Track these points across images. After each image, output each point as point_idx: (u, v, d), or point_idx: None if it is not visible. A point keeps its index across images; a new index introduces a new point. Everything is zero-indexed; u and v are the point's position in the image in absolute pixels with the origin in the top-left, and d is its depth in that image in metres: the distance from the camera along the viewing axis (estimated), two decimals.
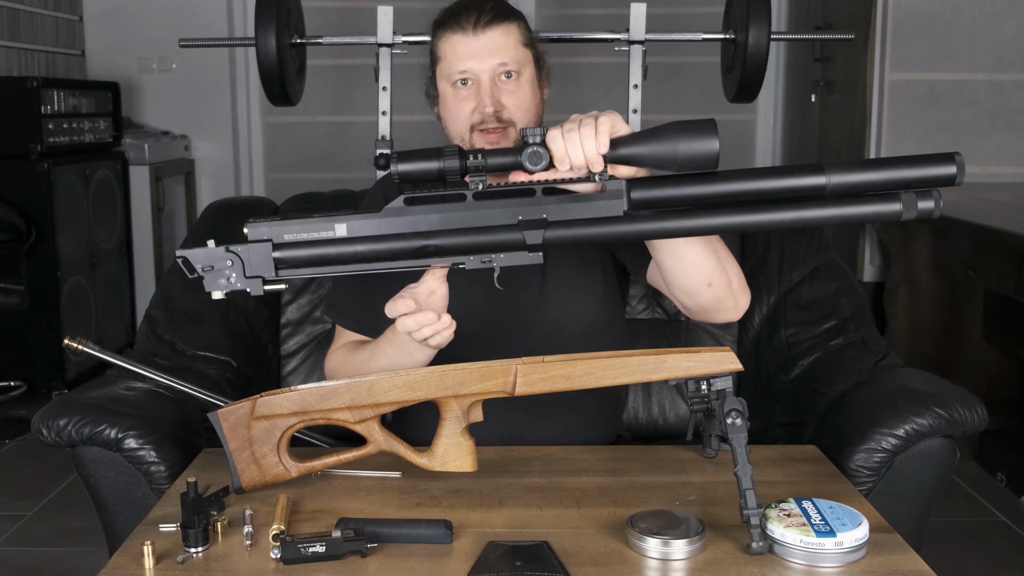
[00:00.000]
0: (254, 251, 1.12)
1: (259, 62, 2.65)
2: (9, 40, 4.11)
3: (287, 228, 1.12)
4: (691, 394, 1.15)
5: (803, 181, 1.09)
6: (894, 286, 3.69)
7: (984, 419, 1.40)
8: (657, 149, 1.10)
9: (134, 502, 1.39)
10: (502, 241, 1.12)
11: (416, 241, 1.12)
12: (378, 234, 1.12)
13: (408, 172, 1.11)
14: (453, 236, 1.12)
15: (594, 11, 4.82)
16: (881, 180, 1.09)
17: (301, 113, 4.22)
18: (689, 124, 1.09)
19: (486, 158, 1.11)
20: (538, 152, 1.11)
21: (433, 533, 1.07)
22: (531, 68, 1.45)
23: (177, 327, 1.72)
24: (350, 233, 1.12)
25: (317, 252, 1.12)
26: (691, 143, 1.08)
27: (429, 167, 1.10)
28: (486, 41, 1.41)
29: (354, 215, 1.12)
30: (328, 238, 1.12)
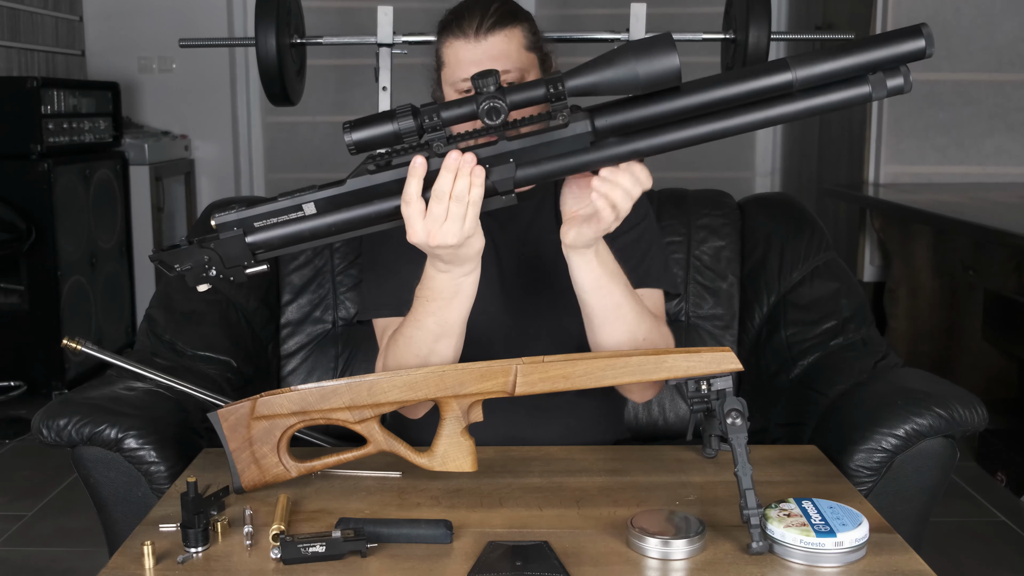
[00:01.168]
0: (228, 244, 1.13)
1: (259, 62, 2.65)
2: (9, 40, 4.11)
3: (256, 215, 1.12)
4: (691, 394, 1.15)
5: (769, 80, 1.05)
6: (894, 286, 3.69)
7: (984, 419, 1.39)
8: (615, 75, 1.05)
9: (134, 502, 1.39)
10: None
11: (388, 202, 1.11)
12: (348, 204, 1.11)
13: (363, 139, 1.08)
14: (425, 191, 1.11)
15: (594, 11, 4.82)
16: (849, 66, 1.04)
17: (301, 113, 4.22)
18: (645, 43, 1.04)
19: (441, 114, 1.07)
20: (496, 107, 1.07)
21: (433, 533, 1.07)
22: (536, 73, 1.41)
23: (177, 327, 1.72)
24: (319, 210, 1.12)
25: (291, 230, 1.12)
26: (650, 62, 1.04)
27: (384, 131, 1.07)
28: (488, 47, 1.37)
29: (319, 191, 1.11)
30: (298, 216, 1.12)
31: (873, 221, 3.82)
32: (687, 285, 1.88)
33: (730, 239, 1.90)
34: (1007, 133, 3.92)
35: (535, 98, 1.07)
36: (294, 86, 2.82)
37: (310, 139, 5.02)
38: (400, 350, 1.30)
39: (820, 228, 1.88)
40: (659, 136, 1.09)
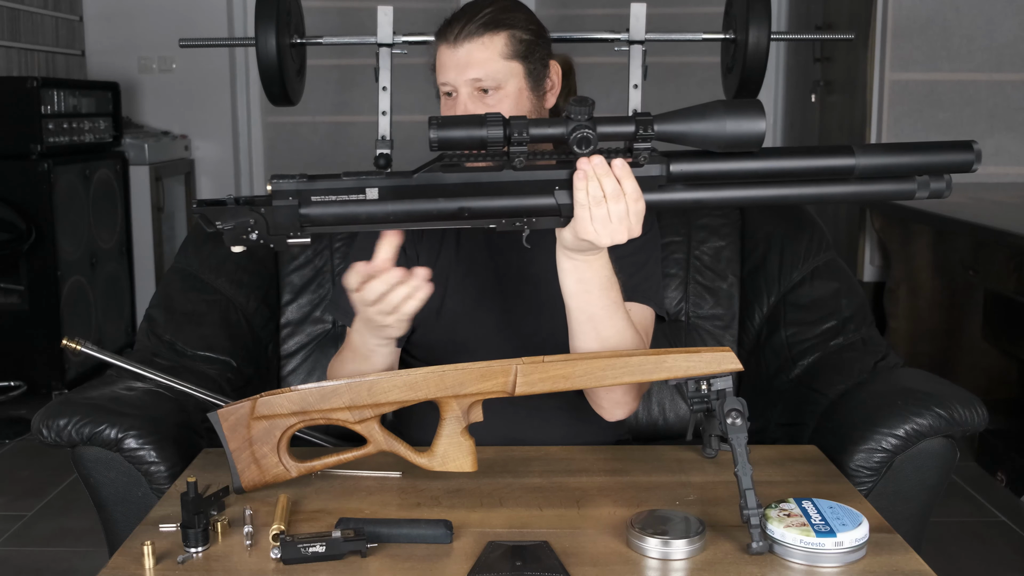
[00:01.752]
0: (279, 211, 1.11)
1: (259, 62, 2.65)
2: (9, 40, 4.10)
3: (314, 188, 1.11)
4: (691, 394, 1.15)
5: (834, 162, 1.13)
6: (894, 286, 3.69)
7: (984, 419, 1.39)
8: (704, 128, 1.09)
9: (134, 502, 1.38)
10: (537, 207, 1.12)
11: (451, 203, 1.11)
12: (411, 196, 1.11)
13: (448, 138, 1.08)
14: (488, 200, 1.12)
15: (594, 11, 4.82)
16: (904, 164, 1.14)
17: (301, 113, 4.22)
18: (737, 104, 1.09)
19: (530, 130, 1.08)
20: (587, 137, 1.08)
21: (433, 533, 1.07)
22: (517, 82, 1.39)
23: (177, 327, 1.72)
24: (382, 195, 1.11)
25: (347, 211, 1.11)
26: (739, 123, 1.08)
27: (471, 135, 1.08)
28: (463, 54, 1.37)
29: (386, 177, 1.11)
30: (358, 198, 1.11)
31: (873, 221, 3.82)
32: (687, 285, 1.88)
33: (730, 239, 1.90)
34: (1007, 133, 3.91)
35: (624, 134, 1.10)
36: (294, 86, 2.82)
37: (310, 139, 5.02)
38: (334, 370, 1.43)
39: (820, 228, 1.88)
40: (723, 191, 1.14)
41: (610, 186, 1.10)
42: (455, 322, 1.47)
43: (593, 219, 1.11)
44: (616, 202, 1.10)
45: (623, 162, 1.11)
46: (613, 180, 1.10)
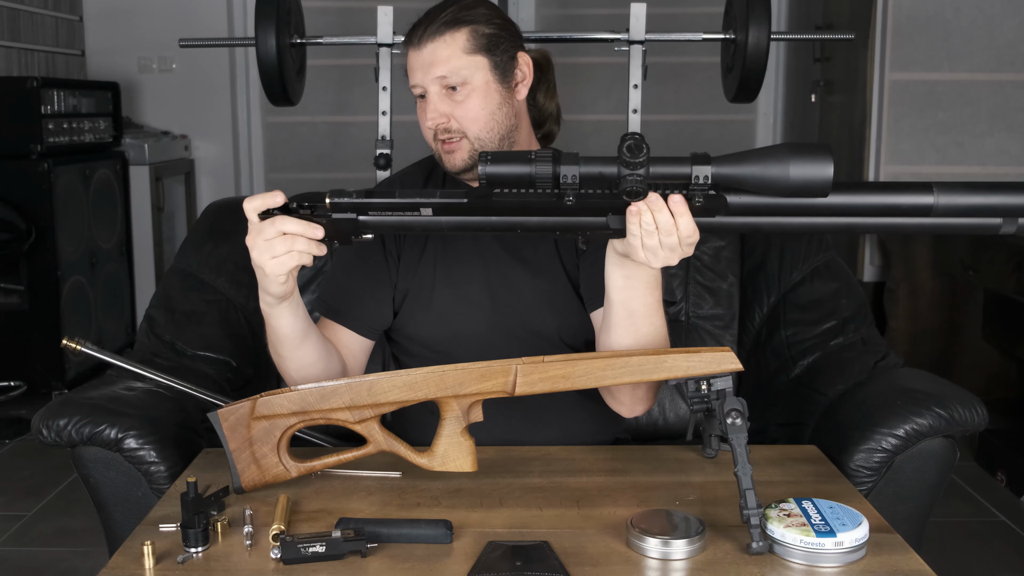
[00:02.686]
0: (340, 223, 1.16)
1: (259, 62, 2.66)
2: (9, 40, 4.11)
3: (370, 205, 1.14)
4: (691, 394, 1.15)
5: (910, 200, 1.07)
6: (894, 286, 3.69)
7: (984, 419, 1.40)
8: (765, 172, 1.03)
9: (134, 502, 1.39)
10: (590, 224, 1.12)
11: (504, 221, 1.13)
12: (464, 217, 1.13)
13: (496, 175, 1.07)
14: (541, 219, 1.12)
15: (594, 11, 4.82)
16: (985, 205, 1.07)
17: (301, 113, 4.22)
18: (803, 146, 1.02)
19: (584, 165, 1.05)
20: (638, 191, 1.05)
21: (433, 533, 1.07)
22: (483, 75, 1.41)
23: (177, 327, 1.72)
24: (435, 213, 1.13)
25: (403, 221, 1.15)
26: (804, 167, 1.01)
27: (519, 171, 1.06)
28: (427, 54, 1.40)
29: (440, 200, 1.13)
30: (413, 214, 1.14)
31: None
32: (687, 285, 1.88)
33: (730, 239, 1.90)
34: (1007, 133, 3.91)
35: (678, 175, 1.06)
36: (294, 86, 2.83)
37: (310, 139, 5.02)
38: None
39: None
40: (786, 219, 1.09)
41: (664, 220, 1.08)
42: (446, 314, 1.47)
43: (645, 247, 1.11)
44: (668, 236, 1.09)
45: (680, 198, 1.08)
46: (667, 215, 1.08)
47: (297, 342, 1.33)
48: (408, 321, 1.49)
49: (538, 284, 1.47)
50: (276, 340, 1.34)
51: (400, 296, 1.50)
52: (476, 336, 1.46)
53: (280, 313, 1.28)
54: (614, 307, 1.25)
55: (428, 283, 1.48)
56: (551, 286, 1.47)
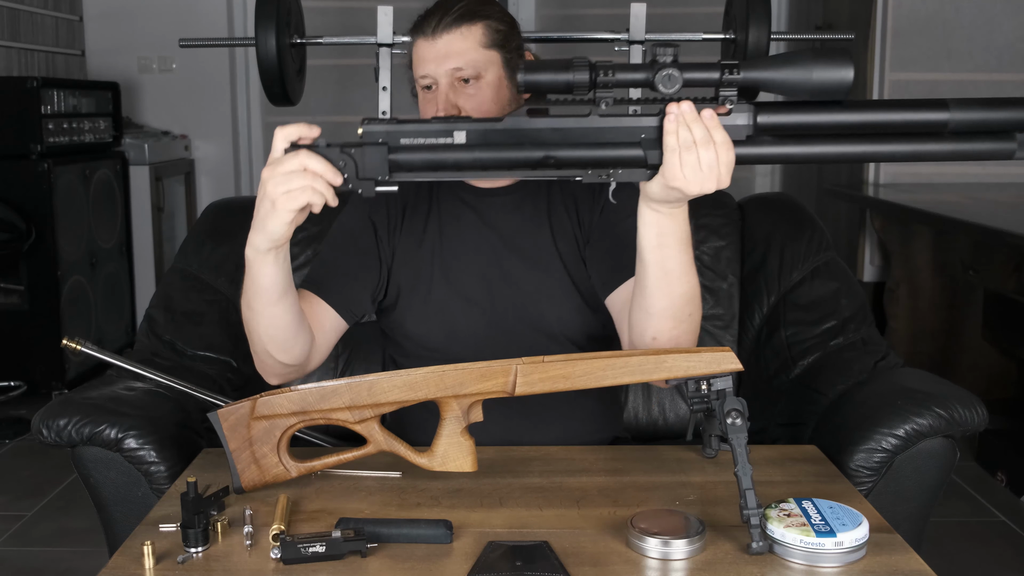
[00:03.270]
0: (368, 153, 1.12)
1: (259, 62, 2.65)
2: (9, 40, 4.11)
3: (403, 131, 1.11)
4: (691, 394, 1.14)
5: (926, 116, 1.09)
6: (894, 286, 3.69)
7: (984, 419, 1.40)
8: (790, 75, 1.07)
9: (134, 502, 1.39)
10: (623, 157, 1.11)
11: (536, 152, 1.11)
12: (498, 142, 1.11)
13: (535, 82, 1.07)
14: (574, 149, 1.11)
15: (594, 11, 4.82)
16: (1002, 119, 1.08)
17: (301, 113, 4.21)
18: (824, 51, 1.06)
19: (616, 74, 1.07)
20: (672, 75, 1.07)
21: (433, 533, 1.07)
22: (496, 70, 1.42)
23: (177, 327, 1.72)
24: (469, 140, 1.11)
25: (433, 157, 1.11)
26: (825, 70, 1.06)
27: (558, 79, 1.07)
28: (443, 45, 1.40)
29: (473, 122, 1.11)
30: (446, 144, 1.11)
31: (873, 221, 3.82)
32: None
33: (730, 239, 1.90)
34: None
35: (708, 80, 1.08)
36: (294, 86, 2.82)
37: None
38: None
39: (820, 228, 1.88)
40: (811, 146, 1.11)
41: (700, 132, 1.08)
42: (443, 310, 1.47)
43: (683, 165, 1.09)
44: (706, 149, 1.08)
45: (712, 112, 1.10)
46: (703, 127, 1.08)
47: (275, 297, 1.27)
48: (405, 316, 1.48)
49: (536, 276, 1.47)
50: (254, 292, 1.27)
51: (394, 290, 1.49)
52: (474, 332, 1.46)
53: (267, 260, 1.22)
54: (648, 268, 1.23)
55: (426, 278, 1.48)
56: (549, 278, 1.47)
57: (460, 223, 1.49)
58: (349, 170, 1.13)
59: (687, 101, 1.09)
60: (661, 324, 1.26)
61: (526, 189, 1.51)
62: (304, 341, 1.36)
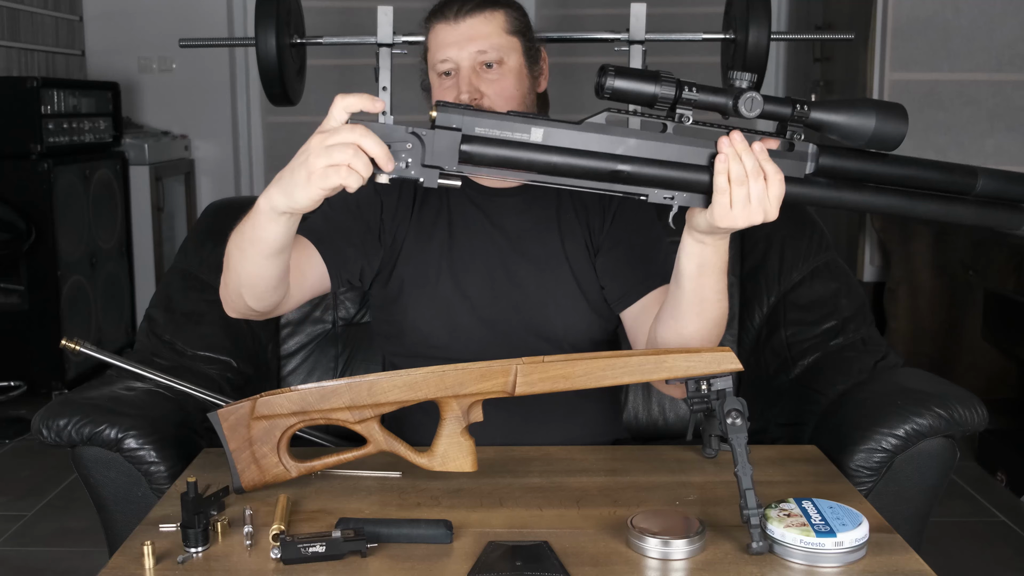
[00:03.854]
0: (440, 138, 1.07)
1: (259, 62, 2.65)
2: (9, 40, 4.11)
3: (480, 121, 1.07)
4: (691, 394, 1.14)
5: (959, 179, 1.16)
6: (894, 286, 3.69)
7: (984, 419, 1.40)
8: (854, 122, 1.09)
9: (134, 502, 1.38)
10: (689, 180, 1.11)
11: (610, 163, 1.09)
12: (573, 147, 1.09)
13: (622, 89, 1.06)
14: (647, 166, 1.10)
15: (594, 11, 4.82)
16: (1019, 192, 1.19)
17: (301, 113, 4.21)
18: (888, 106, 1.10)
19: (701, 93, 1.08)
20: (755, 99, 1.09)
21: (433, 533, 1.07)
22: (518, 57, 1.42)
23: (177, 327, 1.72)
24: (545, 140, 1.09)
25: (506, 154, 1.08)
26: (886, 123, 1.09)
27: (644, 89, 1.07)
28: (466, 29, 1.39)
29: (552, 121, 1.09)
30: (521, 141, 1.08)
31: (873, 221, 3.82)
32: None
33: (730, 239, 1.89)
34: (1007, 133, 3.91)
35: (779, 113, 1.10)
36: (294, 86, 2.83)
37: None
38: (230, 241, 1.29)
39: (820, 228, 1.88)
40: (859, 194, 1.14)
41: (751, 163, 1.09)
42: (448, 307, 1.46)
43: (733, 201, 1.09)
44: (756, 180, 1.09)
45: (762, 145, 1.11)
46: (754, 158, 1.09)
47: (271, 252, 1.22)
48: (408, 311, 1.47)
49: (542, 279, 1.47)
50: (252, 241, 1.21)
51: (398, 282, 1.48)
52: (477, 332, 1.46)
53: (279, 220, 1.16)
54: (686, 295, 1.24)
55: (432, 275, 1.47)
56: (556, 282, 1.47)
57: (469, 223, 1.49)
58: (414, 155, 1.07)
59: (736, 131, 1.10)
60: (689, 344, 1.28)
61: (535, 191, 1.50)
62: (280, 294, 1.32)
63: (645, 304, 1.43)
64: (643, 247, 1.47)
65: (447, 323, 1.46)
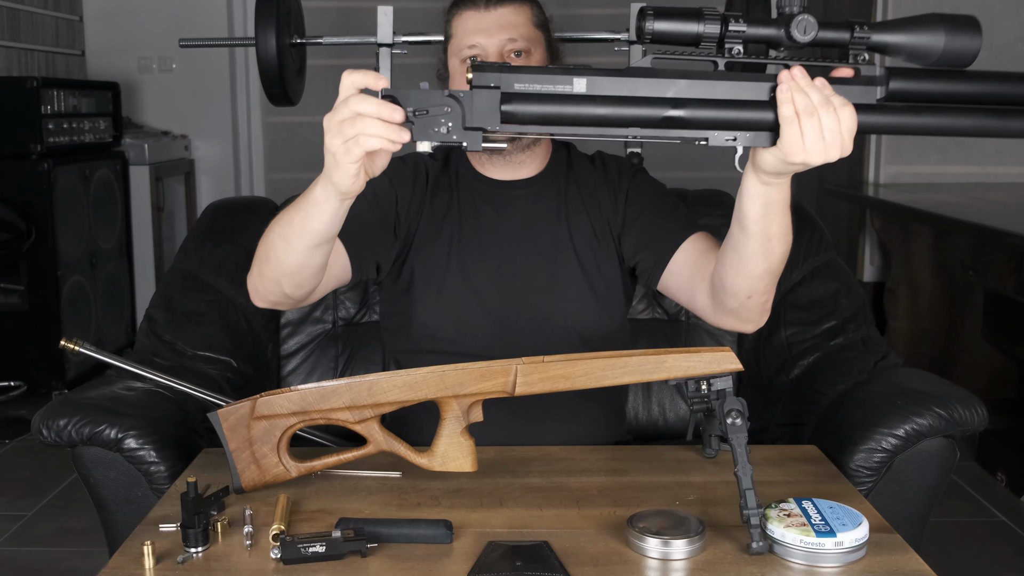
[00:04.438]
0: (479, 98, 1.02)
1: (259, 62, 2.65)
2: (9, 40, 4.10)
3: (518, 77, 1.02)
4: (691, 394, 1.14)
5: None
6: (894, 286, 3.69)
7: (984, 419, 1.39)
8: (922, 40, 1.01)
9: (134, 502, 1.38)
10: (751, 119, 1.04)
11: (661, 109, 1.02)
12: (620, 95, 1.02)
13: (663, 31, 1.00)
14: (702, 108, 1.03)
15: (594, 11, 4.82)
16: None
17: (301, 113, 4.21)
18: (956, 17, 1.02)
19: (748, 25, 1.01)
20: (807, 21, 1.00)
21: (433, 533, 1.07)
22: (542, 50, 1.44)
23: (177, 327, 1.72)
24: (589, 90, 1.02)
25: (550, 109, 1.02)
26: (956, 38, 1.01)
27: (686, 29, 1.00)
28: (497, 17, 1.41)
29: (595, 71, 1.02)
30: (564, 93, 1.02)
31: (873, 221, 3.83)
32: None
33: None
34: None
35: (838, 39, 1.02)
36: (294, 86, 2.82)
37: (310, 139, 5.01)
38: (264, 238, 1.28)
39: (820, 228, 1.88)
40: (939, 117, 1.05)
41: (817, 96, 1.01)
42: (457, 301, 1.47)
43: (804, 135, 1.01)
44: (827, 113, 1.01)
45: (823, 79, 1.03)
46: (819, 91, 1.01)
47: (320, 241, 1.21)
48: (417, 305, 1.47)
49: (550, 271, 1.48)
50: (298, 230, 1.20)
51: (408, 273, 1.49)
52: (486, 326, 1.45)
53: (328, 208, 1.15)
54: (752, 237, 1.19)
55: (441, 269, 1.47)
56: (564, 275, 1.48)
57: (478, 216, 1.50)
58: (454, 118, 1.03)
59: (797, 65, 1.03)
60: (759, 284, 1.26)
61: (543, 182, 1.51)
62: (319, 280, 1.31)
63: (683, 258, 1.43)
64: (663, 208, 1.49)
65: (455, 317, 1.46)
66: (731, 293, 1.29)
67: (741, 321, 1.35)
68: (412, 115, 1.03)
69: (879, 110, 1.04)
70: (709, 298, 1.36)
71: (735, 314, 1.34)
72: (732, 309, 1.33)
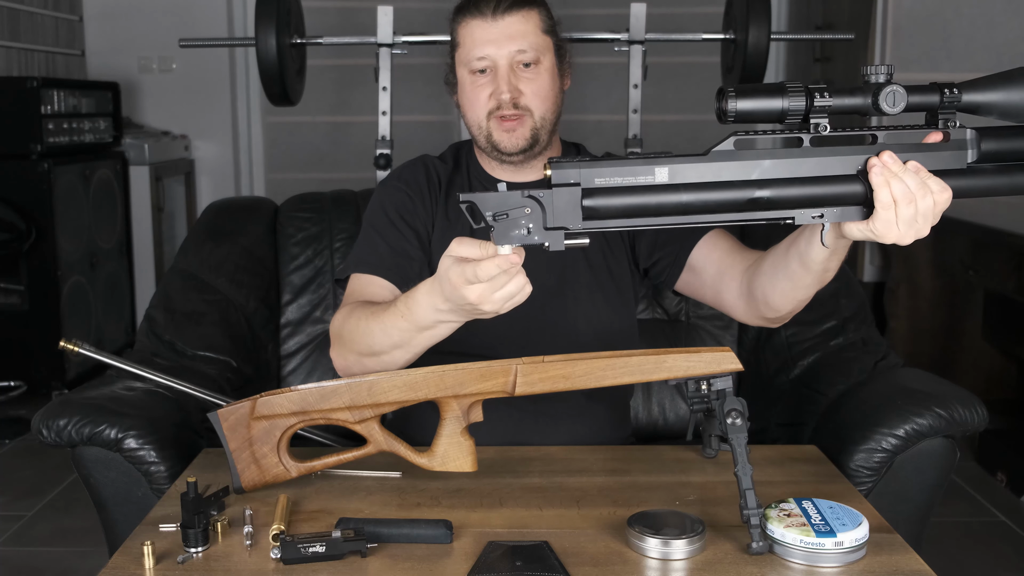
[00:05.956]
0: (559, 196, 0.99)
1: (259, 62, 2.66)
2: (9, 40, 4.10)
3: (598, 171, 0.99)
4: (691, 394, 1.14)
5: None
6: (894, 286, 3.69)
7: (984, 419, 1.40)
8: (1012, 97, 0.99)
9: (134, 502, 1.39)
10: (840, 194, 1.01)
11: (746, 191, 1.00)
12: (703, 181, 1.00)
13: (747, 111, 0.98)
14: (788, 187, 1.00)
15: (594, 11, 4.82)
16: None
17: (301, 113, 4.22)
18: None
19: (834, 97, 0.98)
20: (897, 92, 0.98)
21: (433, 533, 1.07)
22: (551, 56, 1.44)
23: (177, 327, 1.72)
24: (672, 179, 1.00)
25: (633, 201, 0.99)
26: None
27: (771, 106, 0.98)
28: (504, 27, 1.39)
29: (676, 157, 1.00)
30: (646, 184, 1.00)
31: None
32: None
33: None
34: None
35: (927, 103, 1.00)
36: (294, 86, 2.83)
37: (310, 139, 5.01)
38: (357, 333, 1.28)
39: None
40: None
41: (913, 182, 0.99)
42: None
43: (900, 219, 1.00)
44: (923, 198, 0.99)
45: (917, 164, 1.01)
46: (915, 176, 0.99)
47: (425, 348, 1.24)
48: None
49: (560, 275, 1.48)
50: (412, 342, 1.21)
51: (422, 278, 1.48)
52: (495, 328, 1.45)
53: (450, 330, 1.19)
54: (812, 274, 1.19)
55: None
56: (572, 277, 1.48)
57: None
58: (534, 219, 1.00)
59: (887, 152, 1.00)
60: (805, 302, 1.29)
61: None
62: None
63: (703, 256, 1.43)
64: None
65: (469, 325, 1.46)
66: (774, 308, 1.31)
67: (773, 323, 1.39)
68: (492, 220, 1.01)
69: (971, 174, 1.02)
70: (740, 300, 1.37)
71: (771, 320, 1.37)
72: (771, 319, 1.36)
